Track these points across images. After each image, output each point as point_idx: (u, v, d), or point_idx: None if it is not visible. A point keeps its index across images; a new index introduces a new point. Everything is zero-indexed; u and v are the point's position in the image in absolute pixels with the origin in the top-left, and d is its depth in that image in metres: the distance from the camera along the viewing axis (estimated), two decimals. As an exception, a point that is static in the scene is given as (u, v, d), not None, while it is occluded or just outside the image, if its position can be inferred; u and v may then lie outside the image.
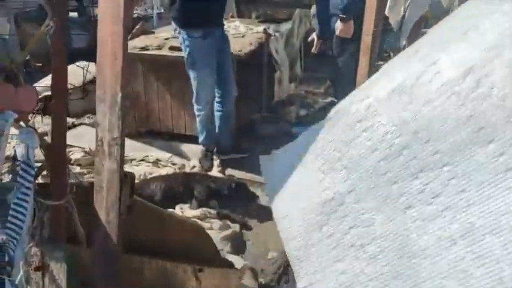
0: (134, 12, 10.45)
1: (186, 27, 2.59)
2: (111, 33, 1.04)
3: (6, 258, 0.84)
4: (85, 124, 3.80)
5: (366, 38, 1.21)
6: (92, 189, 1.12)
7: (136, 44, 3.20)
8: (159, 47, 3.14)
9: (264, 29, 3.71)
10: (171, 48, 3.06)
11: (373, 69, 1.21)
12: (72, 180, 1.15)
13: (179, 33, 2.66)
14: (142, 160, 3.00)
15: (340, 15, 2.48)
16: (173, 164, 2.94)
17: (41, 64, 6.13)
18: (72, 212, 1.10)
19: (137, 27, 3.45)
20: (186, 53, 2.65)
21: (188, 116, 3.22)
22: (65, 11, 1.03)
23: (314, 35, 3.13)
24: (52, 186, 1.09)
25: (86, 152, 3.01)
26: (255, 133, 3.50)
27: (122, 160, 1.12)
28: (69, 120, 3.97)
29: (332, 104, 4.57)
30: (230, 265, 1.73)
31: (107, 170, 1.11)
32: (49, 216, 1.09)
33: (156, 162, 2.96)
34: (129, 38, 3.49)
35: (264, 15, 5.53)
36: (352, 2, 2.41)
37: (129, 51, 3.04)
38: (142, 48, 3.09)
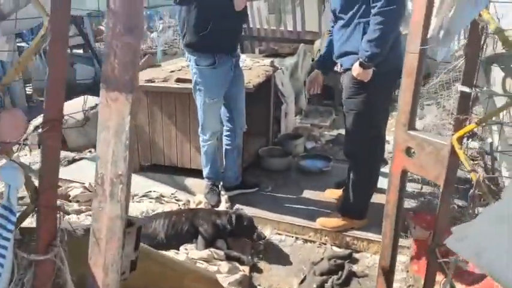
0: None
1: (195, 54, 2.51)
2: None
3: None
4: (86, 158, 3.68)
5: (411, 57, 1.09)
6: (87, 239, 0.89)
7: (142, 76, 3.14)
8: (165, 80, 3.08)
9: (271, 62, 3.67)
10: (178, 80, 2.99)
11: (417, 93, 1.08)
12: (64, 227, 0.90)
13: (189, 60, 2.59)
14: (145, 196, 2.85)
15: (361, 60, 2.17)
16: (177, 200, 2.79)
17: (43, 99, 6.10)
18: (61, 269, 0.87)
19: (143, 60, 3.41)
20: (194, 80, 2.58)
21: (194, 150, 3.11)
22: (65, 22, 0.87)
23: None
24: (38, 235, 0.86)
25: (85, 187, 2.87)
26: (263, 167, 3.37)
27: (127, 204, 0.89)
28: (69, 154, 3.86)
29: (339, 137, 4.50)
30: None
31: (107, 216, 0.88)
32: (32, 274, 0.86)
33: (159, 198, 2.81)
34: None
35: (268, 50, 5.56)
36: (380, 53, 2.14)
37: None
38: (148, 81, 3.02)
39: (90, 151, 3.98)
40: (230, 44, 2.60)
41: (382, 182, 2.48)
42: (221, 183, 2.85)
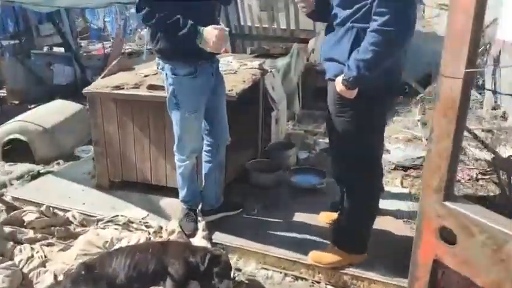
0: (128, 47, 10.21)
1: (172, 62, 2.12)
2: None
3: None
4: (52, 173, 3.28)
5: (448, 84, 0.70)
6: None
7: (110, 81, 2.75)
8: (137, 86, 2.69)
9: (259, 64, 3.29)
10: (150, 87, 2.61)
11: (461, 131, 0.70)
12: None
13: (162, 69, 2.19)
14: (111, 221, 2.46)
15: (345, 78, 1.79)
16: (148, 227, 2.40)
17: (17, 102, 5.71)
18: None
19: (114, 62, 3.02)
20: (170, 93, 2.17)
21: (170, 166, 2.73)
22: None
23: None
24: None
25: (42, 212, 2.48)
26: (250, 183, 2.99)
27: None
28: (35, 167, 3.46)
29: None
30: None
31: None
32: None
33: (128, 225, 2.42)
34: (104, 75, 3.06)
35: (259, 49, 5.17)
36: (369, 76, 1.74)
37: (101, 90, 2.55)
38: (116, 87, 2.63)
39: (58, 163, 3.58)
40: None
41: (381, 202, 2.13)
42: (199, 207, 2.47)
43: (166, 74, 2.16)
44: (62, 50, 6.56)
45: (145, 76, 2.90)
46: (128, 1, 3.90)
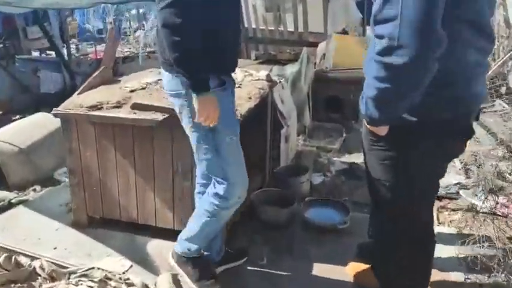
0: (126, 50, 9.73)
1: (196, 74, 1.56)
2: None
3: None
4: (24, 203, 2.80)
5: None
6: None
7: (87, 99, 2.26)
8: (119, 104, 2.20)
9: (267, 76, 2.80)
10: (135, 106, 2.12)
11: None
12: None
13: (176, 86, 1.65)
14: (84, 276, 1.97)
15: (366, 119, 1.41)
16: (129, 286, 1.91)
17: (0, 112, 5.24)
18: None
19: (95, 74, 2.53)
20: (191, 116, 1.65)
21: (159, 201, 2.24)
22: None
23: None
24: None
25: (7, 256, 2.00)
26: (257, 218, 2.50)
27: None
28: (7, 195, 2.98)
29: (353, 168, 3.63)
30: None
31: None
32: None
33: (105, 282, 1.93)
34: (81, 89, 2.57)
35: (265, 55, 4.68)
36: (386, 117, 1.31)
37: (74, 110, 2.02)
38: (93, 107, 2.14)
39: (34, 189, 3.10)
40: (235, 59, 1.78)
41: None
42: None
43: (186, 94, 1.62)
44: (53, 54, 6.11)
45: (131, 91, 2.41)
46: (118, 1, 3.41)
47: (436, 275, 1.96)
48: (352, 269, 2.00)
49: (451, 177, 3.06)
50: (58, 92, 5.29)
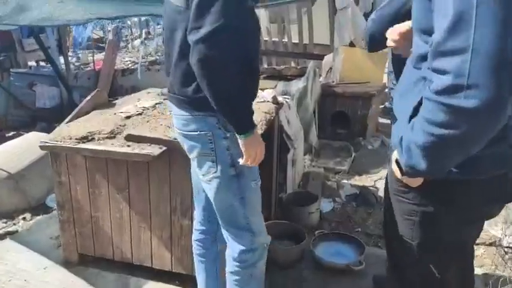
0: (127, 59, 9.54)
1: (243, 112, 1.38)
2: None
3: None
4: (11, 236, 2.60)
5: None
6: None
7: (78, 128, 2.06)
8: (112, 135, 2.00)
9: (274, 97, 2.60)
10: (129, 138, 1.92)
11: None
12: None
13: (197, 129, 1.43)
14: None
15: (398, 161, 1.16)
16: None
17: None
18: None
19: (87, 99, 2.33)
20: (222, 162, 1.43)
21: (156, 241, 2.04)
22: None
23: None
24: None
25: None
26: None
27: None
28: (-7, 225, 2.78)
29: (363, 193, 3.37)
30: None
31: None
32: None
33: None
34: (72, 117, 2.38)
35: (269, 70, 4.49)
36: (434, 168, 1.05)
37: (61, 143, 1.78)
38: (84, 139, 1.94)
39: (24, 218, 2.90)
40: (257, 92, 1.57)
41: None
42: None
43: (212, 136, 1.41)
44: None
45: (127, 117, 2.22)
46: (113, 16, 3.24)
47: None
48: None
49: None
50: (55, 106, 5.11)
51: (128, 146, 1.89)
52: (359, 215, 2.90)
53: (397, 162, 1.16)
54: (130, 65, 8.38)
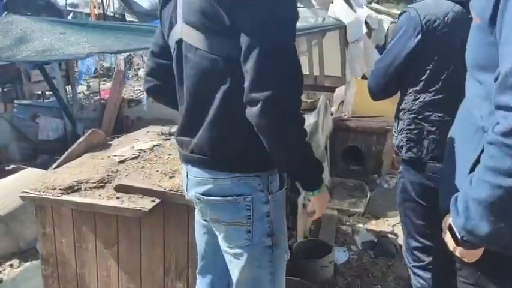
0: (136, 88, 9.52)
1: (266, 173, 1.19)
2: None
3: None
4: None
5: None
6: None
7: (64, 176, 1.86)
8: (101, 184, 1.79)
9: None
10: (119, 188, 1.71)
11: None
12: None
13: (231, 191, 1.19)
14: None
15: (452, 228, 0.93)
16: None
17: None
18: None
19: (80, 140, 2.15)
20: (259, 230, 1.20)
21: (147, 305, 1.79)
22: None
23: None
24: None
25: None
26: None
27: None
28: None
29: (381, 241, 3.00)
30: None
31: None
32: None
33: None
34: (60, 162, 2.18)
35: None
36: (481, 228, 0.84)
37: (43, 194, 1.62)
38: (69, 189, 1.74)
39: (11, 265, 2.68)
40: None
41: None
42: None
43: (250, 200, 1.18)
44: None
45: (121, 162, 2.02)
46: (115, 50, 3.12)
47: None
48: None
49: None
50: (58, 138, 4.98)
51: (117, 198, 1.68)
52: (378, 267, 2.61)
53: (450, 229, 0.94)
54: (139, 94, 8.34)
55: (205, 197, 1.23)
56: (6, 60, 2.86)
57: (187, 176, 1.29)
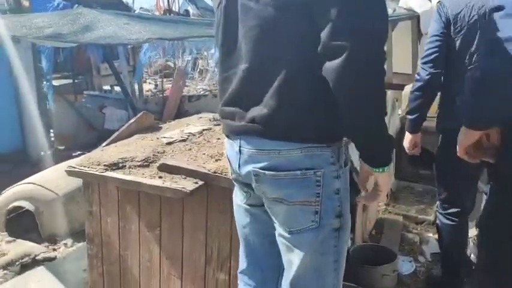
0: (199, 87, 9.74)
1: (338, 143, 1.10)
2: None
3: None
4: (46, 263, 2.42)
5: None
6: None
7: (110, 154, 1.81)
8: (146, 163, 1.71)
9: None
10: (162, 168, 1.61)
11: None
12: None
13: (307, 163, 1.03)
14: None
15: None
16: None
17: (63, 147, 5.22)
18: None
19: (131, 121, 2.11)
20: (329, 207, 1.05)
21: (187, 294, 1.67)
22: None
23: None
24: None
25: None
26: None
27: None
28: (34, 248, 2.62)
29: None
30: None
31: None
32: None
33: None
34: (110, 141, 2.15)
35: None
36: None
37: (87, 169, 1.58)
38: (113, 165, 1.68)
39: (65, 244, 2.74)
40: None
41: None
42: None
43: (321, 174, 1.03)
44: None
45: (169, 143, 1.93)
46: (174, 37, 3.10)
47: None
48: None
49: None
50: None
51: (160, 177, 1.57)
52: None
53: None
54: (202, 93, 8.50)
55: (267, 172, 1.04)
56: (71, 42, 2.97)
57: (239, 150, 1.11)
